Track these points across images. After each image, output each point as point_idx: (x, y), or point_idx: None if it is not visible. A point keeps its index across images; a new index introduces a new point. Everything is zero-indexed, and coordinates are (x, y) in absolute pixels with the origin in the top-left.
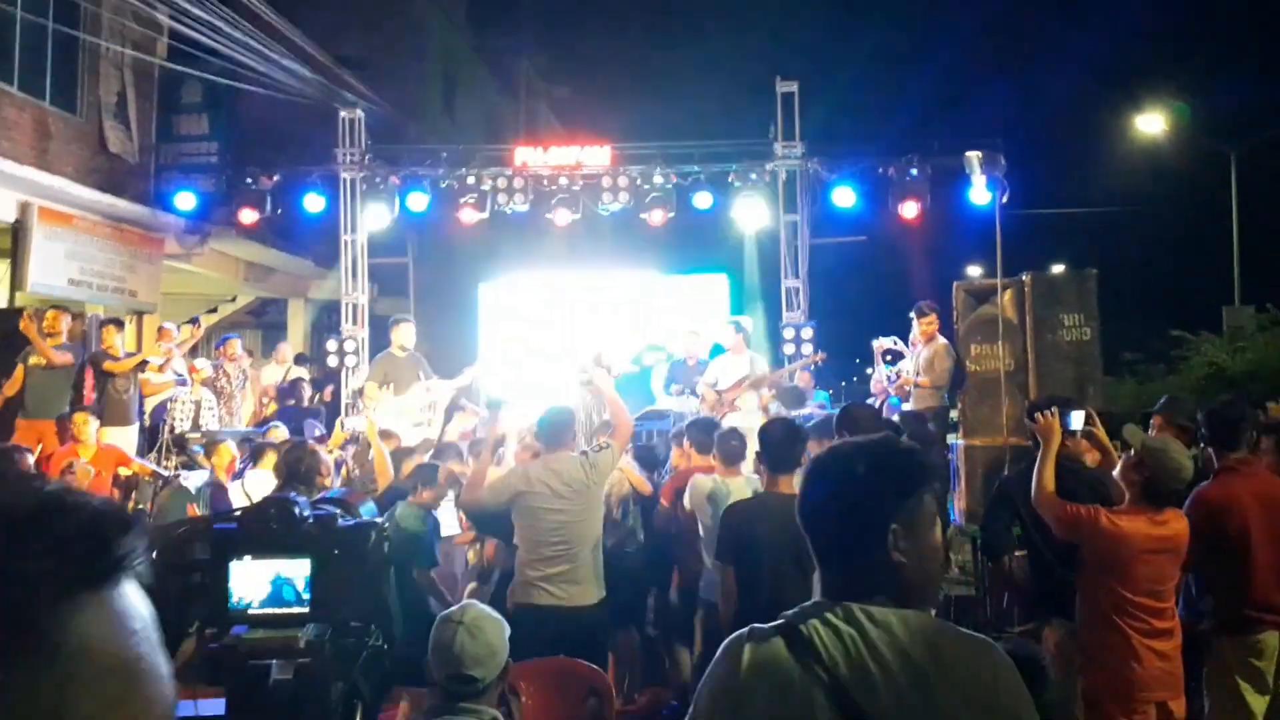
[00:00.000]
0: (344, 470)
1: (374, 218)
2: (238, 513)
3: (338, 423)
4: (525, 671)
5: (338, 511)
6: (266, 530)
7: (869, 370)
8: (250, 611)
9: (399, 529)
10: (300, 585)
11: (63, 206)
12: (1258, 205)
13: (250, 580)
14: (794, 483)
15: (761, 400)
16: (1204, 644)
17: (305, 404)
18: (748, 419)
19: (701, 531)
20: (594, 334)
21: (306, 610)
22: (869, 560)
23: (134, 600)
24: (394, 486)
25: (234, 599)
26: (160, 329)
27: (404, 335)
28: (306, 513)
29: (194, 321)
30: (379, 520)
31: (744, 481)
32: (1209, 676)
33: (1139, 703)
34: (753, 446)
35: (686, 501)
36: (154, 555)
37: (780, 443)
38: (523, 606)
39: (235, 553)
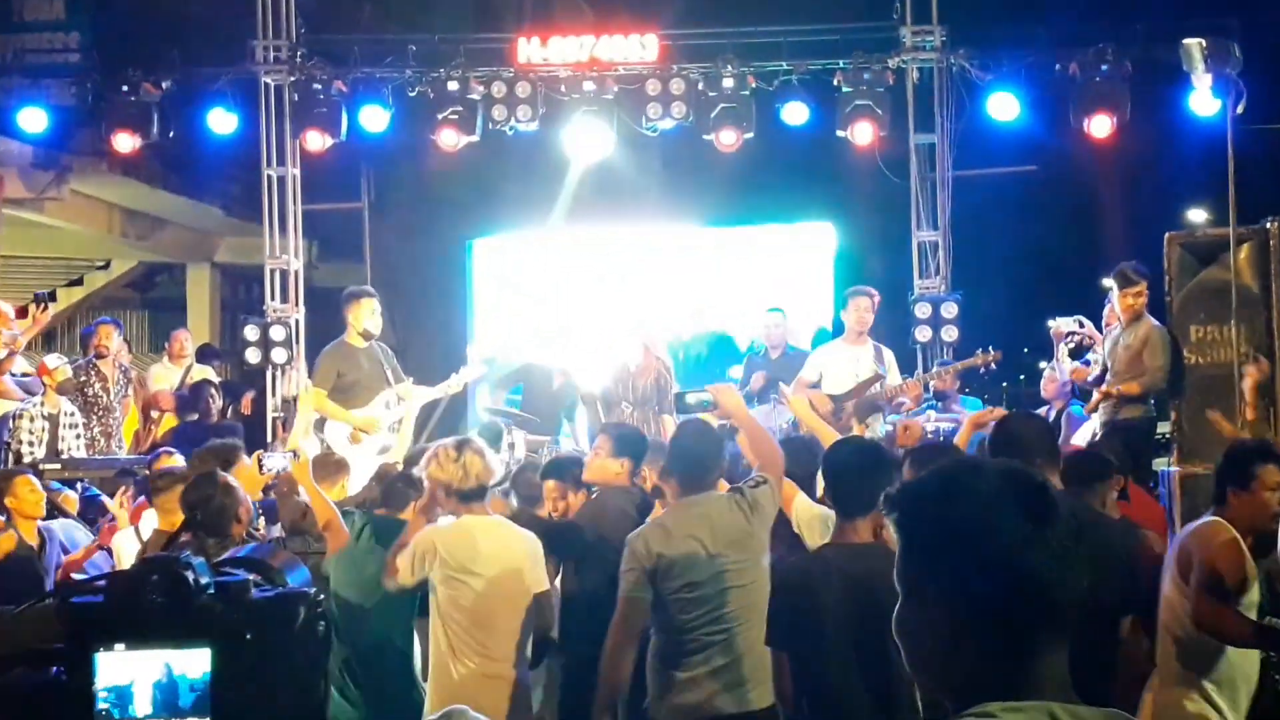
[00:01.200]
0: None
1: (311, 144)
2: (104, 580)
3: (254, 459)
4: None
5: (250, 578)
6: (147, 605)
7: (1042, 365)
8: None
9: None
10: (196, 684)
11: None
12: None
13: (124, 678)
14: (869, 529)
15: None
16: None
17: (213, 419)
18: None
19: None
20: (636, 313)
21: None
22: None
23: None
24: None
25: (100, 706)
26: None
27: (364, 316)
28: (205, 579)
29: (43, 299)
30: (310, 591)
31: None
32: None
33: None
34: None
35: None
36: None
37: (852, 472)
38: None
39: (102, 639)
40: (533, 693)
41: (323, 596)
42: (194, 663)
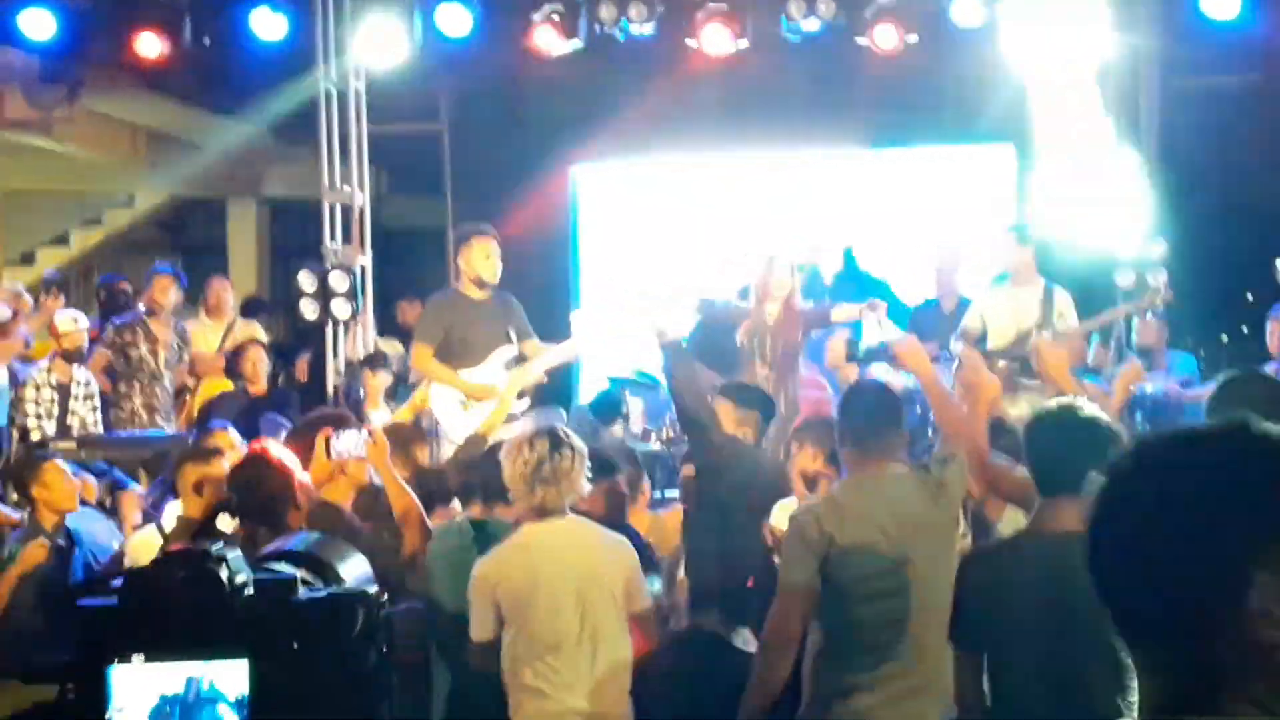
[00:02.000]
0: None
1: (378, 49)
2: (121, 581)
3: (319, 440)
4: None
5: (297, 575)
6: (171, 609)
7: (1272, 319)
8: None
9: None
10: (230, 703)
11: None
12: None
13: (145, 694)
14: (1076, 515)
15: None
16: None
17: (262, 387)
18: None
19: None
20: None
21: None
22: (1213, 642)
23: None
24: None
25: None
26: None
27: (477, 261)
28: (242, 577)
29: (53, 284)
30: (371, 590)
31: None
32: None
33: None
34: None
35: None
36: None
37: (1060, 446)
38: None
39: (117, 650)
40: None
41: (385, 598)
42: (229, 677)
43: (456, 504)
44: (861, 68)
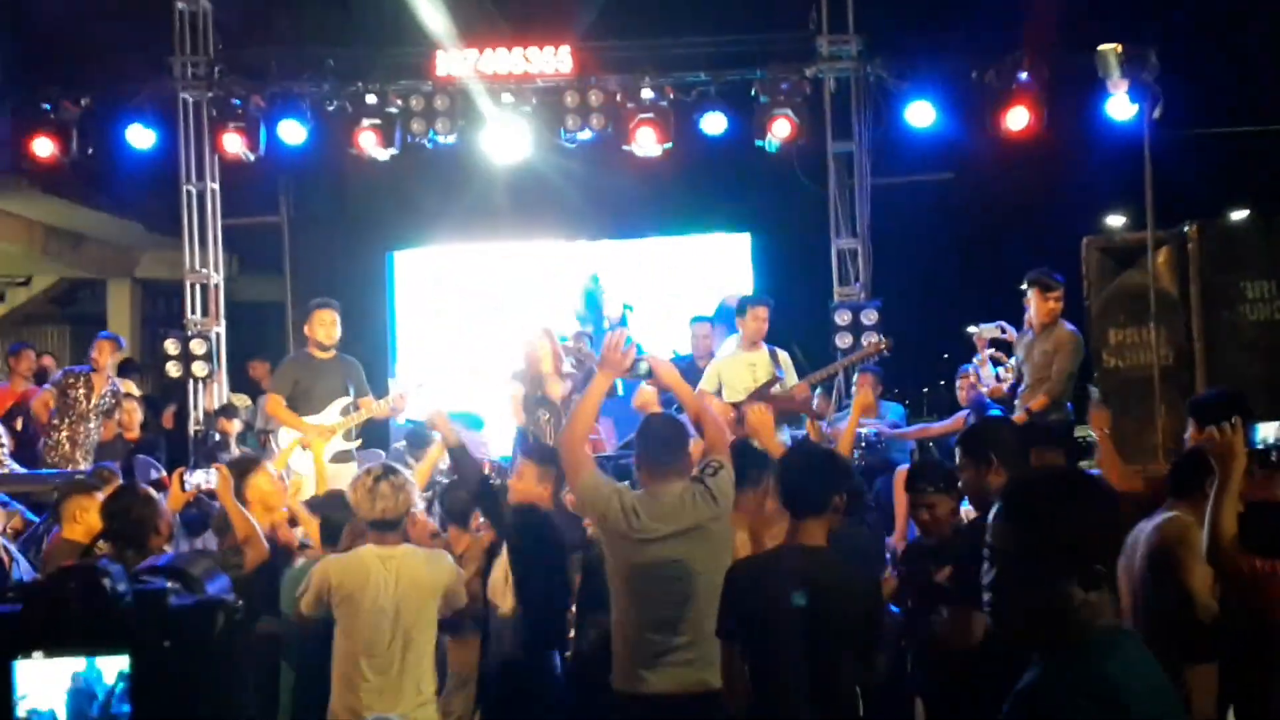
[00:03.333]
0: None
1: (229, 146)
2: (22, 589)
3: (176, 475)
4: None
5: (169, 585)
6: (65, 614)
7: (964, 372)
8: None
9: None
10: (116, 693)
11: None
12: None
13: (43, 686)
14: (821, 532)
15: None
16: None
17: (135, 433)
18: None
19: None
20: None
21: None
22: None
23: None
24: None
25: (20, 715)
26: None
27: (318, 327)
28: (123, 587)
29: None
30: (230, 599)
31: None
32: None
33: None
34: None
35: None
36: None
37: (807, 475)
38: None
39: (21, 647)
40: None
41: (241, 604)
42: (112, 669)
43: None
44: (626, 170)
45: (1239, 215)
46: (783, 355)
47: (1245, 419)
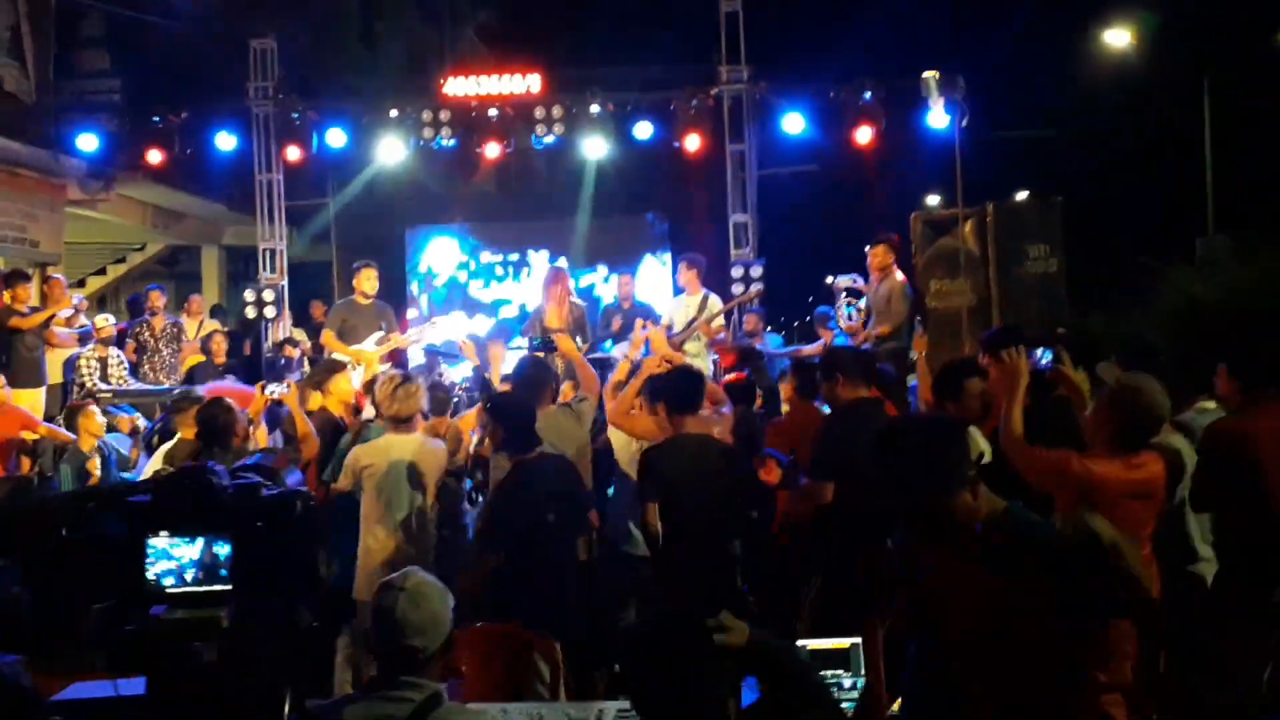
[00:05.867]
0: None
1: (290, 154)
2: (151, 484)
3: (257, 388)
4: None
5: (260, 480)
6: (184, 503)
7: (820, 313)
8: (169, 590)
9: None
10: (222, 561)
11: None
12: (1232, 127)
13: (168, 556)
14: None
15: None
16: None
17: (221, 360)
18: (695, 365)
19: None
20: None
21: (229, 588)
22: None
23: None
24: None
25: (150, 576)
26: (49, 281)
27: (366, 281)
28: (226, 483)
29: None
30: (304, 490)
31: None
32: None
33: (1118, 657)
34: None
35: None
36: (62, 531)
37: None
38: None
39: (151, 528)
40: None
41: (313, 496)
42: (219, 544)
43: None
44: (580, 165)
45: (1022, 195)
46: (712, 299)
47: (1023, 346)
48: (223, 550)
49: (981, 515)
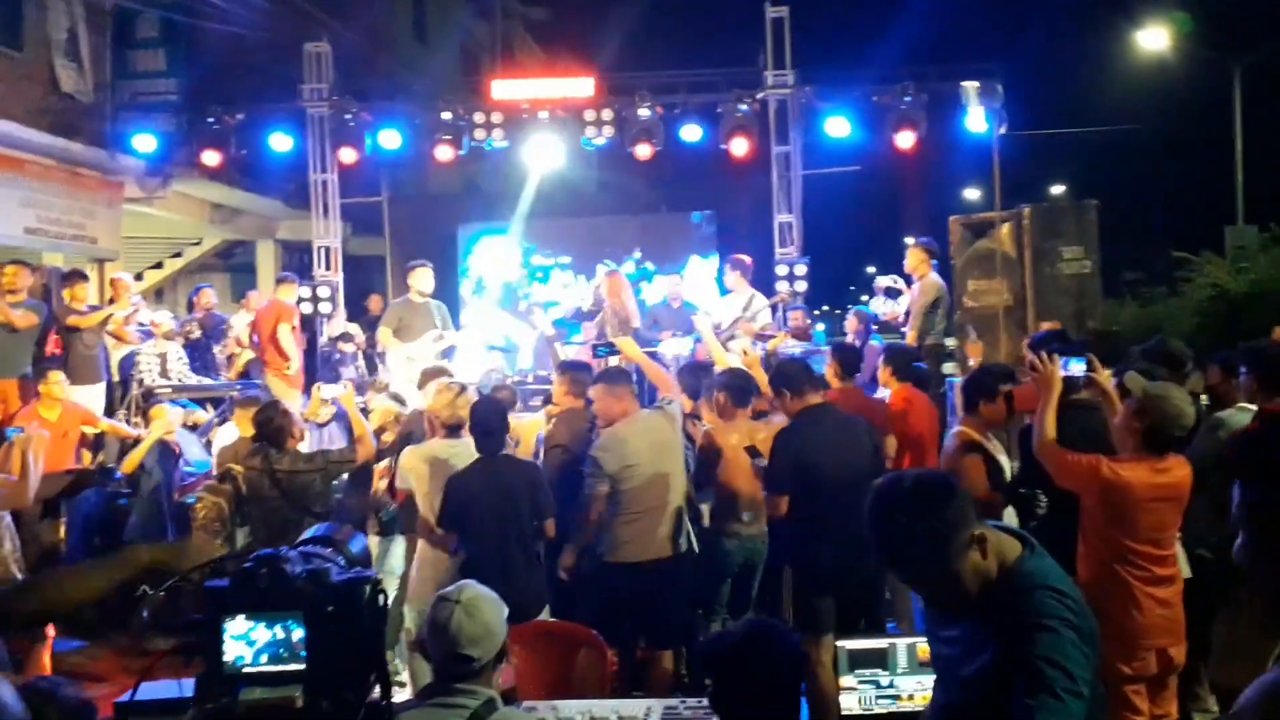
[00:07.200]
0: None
1: (345, 156)
2: (229, 569)
3: (314, 388)
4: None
5: (330, 566)
6: (259, 587)
7: (864, 298)
8: (245, 670)
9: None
10: (295, 642)
11: (14, 151)
12: (1262, 121)
13: (244, 638)
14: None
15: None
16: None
17: None
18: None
19: None
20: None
21: (302, 667)
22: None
23: None
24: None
25: (228, 658)
26: (112, 280)
27: (421, 280)
28: (299, 569)
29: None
30: (371, 574)
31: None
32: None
33: (1140, 650)
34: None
35: None
36: (145, 616)
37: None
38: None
39: (228, 610)
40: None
41: (380, 577)
42: (294, 626)
43: None
44: (630, 166)
45: (1058, 190)
46: (757, 298)
47: (1061, 353)
48: (296, 633)
49: (994, 574)
